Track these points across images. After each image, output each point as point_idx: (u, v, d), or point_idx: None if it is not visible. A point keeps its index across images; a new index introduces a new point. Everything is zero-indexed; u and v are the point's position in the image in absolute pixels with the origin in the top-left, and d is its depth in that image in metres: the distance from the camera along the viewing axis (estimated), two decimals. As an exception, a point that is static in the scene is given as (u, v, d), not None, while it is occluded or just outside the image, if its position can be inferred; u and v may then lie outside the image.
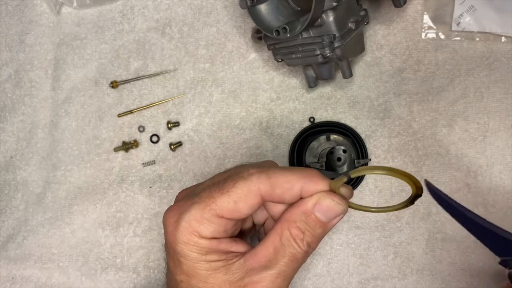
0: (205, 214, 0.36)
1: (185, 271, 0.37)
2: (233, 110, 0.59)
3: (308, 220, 0.37)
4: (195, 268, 0.37)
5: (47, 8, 0.60)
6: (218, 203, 0.36)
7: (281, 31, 0.48)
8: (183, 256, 0.37)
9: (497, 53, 0.57)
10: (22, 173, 0.59)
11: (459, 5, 0.57)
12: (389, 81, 0.58)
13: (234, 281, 0.36)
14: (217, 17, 0.59)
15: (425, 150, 0.57)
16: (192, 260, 0.37)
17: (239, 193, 0.36)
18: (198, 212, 0.36)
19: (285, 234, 0.37)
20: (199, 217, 0.36)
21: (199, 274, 0.37)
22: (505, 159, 0.56)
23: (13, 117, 0.59)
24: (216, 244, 0.37)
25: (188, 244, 0.36)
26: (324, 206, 0.36)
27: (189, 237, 0.36)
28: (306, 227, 0.37)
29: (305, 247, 0.37)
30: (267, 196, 0.37)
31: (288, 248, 0.37)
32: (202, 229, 0.36)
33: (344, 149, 0.56)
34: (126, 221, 0.58)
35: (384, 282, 0.56)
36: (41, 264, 0.58)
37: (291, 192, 0.37)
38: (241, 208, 0.36)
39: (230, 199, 0.36)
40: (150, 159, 0.58)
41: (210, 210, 0.36)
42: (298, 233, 0.37)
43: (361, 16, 0.52)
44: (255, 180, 0.36)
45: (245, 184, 0.36)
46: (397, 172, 0.34)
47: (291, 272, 0.37)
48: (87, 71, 0.59)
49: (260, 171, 0.37)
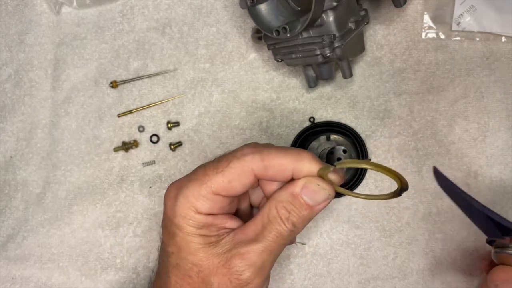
0: (201, 191, 0.38)
1: (177, 243, 0.39)
2: (233, 110, 0.59)
3: (294, 202, 0.38)
4: (188, 241, 0.38)
5: (47, 8, 0.60)
6: (213, 181, 0.38)
7: (281, 31, 0.48)
8: (179, 228, 0.38)
9: (497, 53, 0.57)
10: (22, 173, 0.59)
11: (459, 5, 0.57)
12: (389, 81, 0.58)
13: (221, 253, 0.38)
14: (217, 17, 0.59)
15: (425, 150, 0.57)
16: (187, 233, 0.38)
17: (233, 172, 0.38)
18: (195, 189, 0.38)
19: (272, 212, 0.38)
20: (196, 193, 0.38)
21: (190, 247, 0.38)
22: (505, 159, 0.56)
23: (13, 117, 0.59)
24: (212, 220, 0.39)
25: (185, 218, 0.38)
26: (310, 190, 0.38)
27: (187, 211, 0.38)
28: (292, 208, 0.38)
29: (290, 226, 0.38)
30: (260, 175, 0.38)
31: (274, 225, 0.38)
32: (199, 205, 0.38)
33: (344, 149, 0.56)
34: (126, 221, 0.58)
35: (384, 282, 0.56)
36: (41, 264, 0.58)
37: (283, 174, 0.38)
38: (235, 187, 0.38)
39: (224, 178, 0.38)
40: (150, 159, 0.58)
41: (206, 188, 0.38)
42: (284, 212, 0.38)
43: (361, 16, 0.52)
44: (249, 161, 0.38)
45: (239, 164, 0.38)
46: (382, 168, 0.35)
47: (277, 248, 0.38)
48: (87, 71, 0.59)
49: (254, 151, 0.38)
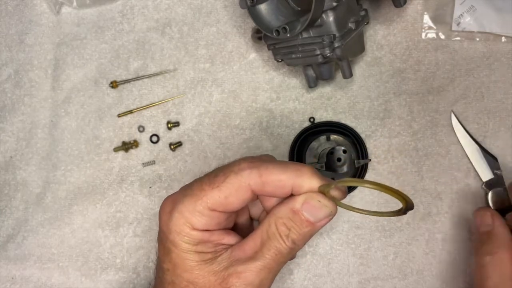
0: (197, 207, 0.37)
1: (173, 259, 0.38)
2: (233, 110, 0.59)
3: (295, 218, 0.37)
4: (183, 258, 0.37)
5: (47, 8, 0.59)
6: (209, 197, 0.36)
7: (281, 31, 0.48)
8: (175, 245, 0.37)
9: (497, 53, 0.57)
10: (22, 173, 0.59)
11: (459, 5, 0.57)
12: (389, 81, 0.58)
13: (218, 271, 0.37)
14: (217, 17, 0.59)
15: (425, 150, 0.57)
16: (182, 250, 0.37)
17: (230, 187, 0.36)
18: (190, 204, 0.37)
19: (271, 228, 0.37)
20: (191, 209, 0.37)
21: (186, 264, 0.37)
22: (505, 159, 0.56)
23: (13, 117, 0.59)
24: (208, 236, 0.37)
25: (180, 234, 0.37)
26: (311, 206, 0.36)
27: (182, 227, 0.37)
28: (292, 225, 0.37)
29: (290, 244, 0.37)
30: (258, 191, 0.37)
31: (273, 242, 0.37)
32: (194, 221, 0.37)
33: (344, 150, 0.56)
34: (126, 221, 0.58)
35: (384, 282, 0.56)
36: (41, 264, 0.58)
37: (282, 190, 0.37)
38: (232, 202, 0.37)
39: (221, 193, 0.36)
40: (150, 159, 0.58)
41: (202, 203, 0.36)
42: (284, 229, 0.37)
43: (361, 16, 0.52)
44: (246, 176, 0.36)
45: (236, 179, 0.36)
46: (386, 188, 0.33)
47: (276, 266, 0.37)
48: (87, 71, 0.59)
49: (252, 166, 0.36)
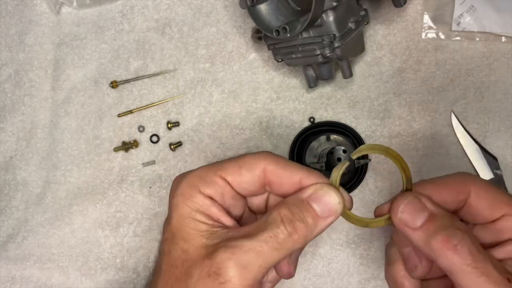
0: (209, 172, 0.38)
1: (172, 226, 0.37)
2: (233, 110, 0.59)
3: (301, 206, 0.36)
4: (181, 223, 0.37)
5: (47, 8, 0.60)
6: (224, 165, 0.38)
7: (281, 31, 0.48)
8: (176, 209, 0.37)
9: (497, 53, 0.57)
10: (22, 173, 0.59)
11: (459, 5, 0.57)
12: (389, 81, 0.58)
13: (210, 245, 0.35)
14: (217, 17, 0.59)
15: (425, 150, 0.57)
16: (182, 214, 0.37)
17: (245, 160, 0.38)
18: (203, 171, 0.38)
19: (273, 213, 0.36)
20: (203, 174, 0.38)
21: (183, 231, 0.37)
22: (505, 159, 0.56)
23: (13, 117, 0.59)
24: (209, 205, 0.37)
25: (184, 196, 0.37)
26: (319, 197, 0.36)
27: (188, 189, 0.37)
28: (297, 211, 0.36)
29: (290, 229, 0.35)
30: (270, 175, 0.37)
31: (271, 225, 0.35)
32: (202, 184, 0.37)
33: (344, 150, 0.56)
34: (126, 221, 0.58)
35: (384, 282, 0.56)
36: (41, 264, 0.58)
37: (291, 177, 0.37)
38: (243, 174, 0.37)
39: (235, 163, 0.38)
40: (150, 159, 0.58)
41: (215, 170, 0.38)
42: (288, 213, 0.35)
43: (361, 16, 0.52)
44: (263, 156, 0.38)
45: (253, 156, 0.38)
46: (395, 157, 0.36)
47: (268, 251, 0.34)
48: (87, 71, 0.59)
49: (269, 152, 0.39)
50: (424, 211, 0.36)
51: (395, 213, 0.37)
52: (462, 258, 0.33)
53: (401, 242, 0.40)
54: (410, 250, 0.39)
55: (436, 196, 0.37)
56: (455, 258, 0.33)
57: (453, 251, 0.33)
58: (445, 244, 0.34)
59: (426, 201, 0.36)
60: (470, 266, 0.33)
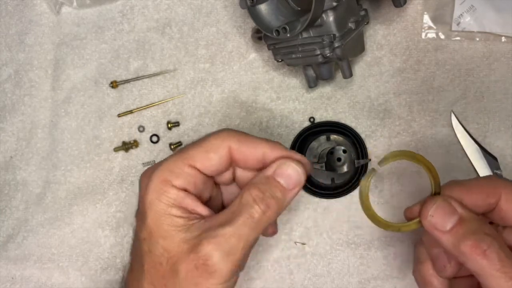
0: (178, 163, 0.38)
1: (149, 226, 0.38)
2: (233, 110, 0.59)
3: (268, 183, 0.38)
4: (158, 221, 0.37)
5: (47, 8, 0.60)
6: (191, 153, 0.38)
7: (281, 31, 0.48)
8: (151, 206, 0.37)
9: (497, 53, 0.57)
10: (22, 173, 0.59)
11: (459, 5, 0.57)
12: (389, 81, 0.58)
13: (191, 239, 0.36)
14: (217, 17, 0.59)
15: (425, 150, 0.57)
16: (158, 212, 0.37)
17: (210, 144, 0.38)
18: (171, 163, 0.38)
19: (245, 196, 0.37)
20: (172, 166, 0.38)
21: (161, 229, 0.37)
22: (505, 159, 0.56)
23: (13, 117, 0.59)
24: (183, 197, 0.38)
25: (158, 192, 0.37)
26: (283, 172, 0.38)
27: (160, 185, 0.37)
28: (266, 188, 0.38)
29: (263, 207, 0.37)
30: (235, 155, 0.39)
31: (246, 207, 0.37)
32: (173, 177, 0.37)
33: (344, 149, 0.56)
34: (126, 221, 0.58)
35: (384, 282, 0.56)
36: (41, 264, 0.58)
37: (254, 153, 0.39)
38: (212, 158, 0.38)
39: (201, 148, 0.38)
40: (150, 159, 0.58)
41: (183, 160, 0.38)
42: (258, 193, 0.37)
43: (361, 16, 0.52)
44: (225, 135, 0.39)
45: (216, 138, 0.39)
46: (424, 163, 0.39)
47: (248, 232, 0.36)
48: (87, 71, 0.59)
49: (229, 130, 0.39)
50: (454, 214, 0.37)
51: (425, 216, 0.38)
52: (491, 263, 0.34)
53: (431, 243, 0.41)
54: (439, 251, 0.40)
55: (465, 199, 0.38)
56: (484, 262, 0.34)
57: (482, 256, 0.35)
58: (474, 249, 0.35)
59: (456, 205, 0.38)
60: (499, 271, 0.34)
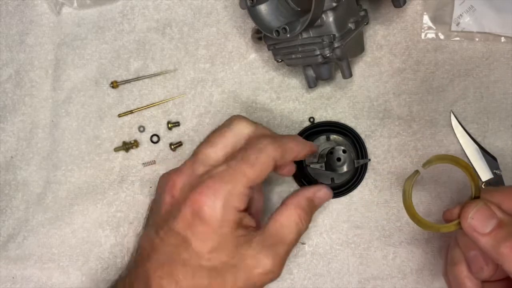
0: (238, 187, 0.41)
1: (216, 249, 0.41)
2: (233, 111, 0.59)
3: (310, 204, 0.46)
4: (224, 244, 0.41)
5: (47, 9, 0.60)
6: (249, 176, 0.41)
7: (281, 32, 0.48)
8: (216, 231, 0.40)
9: (496, 53, 0.57)
10: (22, 173, 0.59)
11: (458, 6, 0.57)
12: (389, 81, 0.58)
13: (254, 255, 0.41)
14: (217, 17, 0.59)
15: (425, 150, 0.57)
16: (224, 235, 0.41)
17: (262, 163, 0.42)
18: (232, 186, 0.41)
19: (293, 215, 0.44)
20: (235, 191, 0.41)
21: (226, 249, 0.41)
22: (504, 159, 0.56)
23: (13, 117, 0.59)
24: (243, 217, 0.42)
25: (224, 218, 0.40)
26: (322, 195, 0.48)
27: (227, 212, 0.41)
28: (309, 210, 0.46)
29: (307, 224, 0.45)
30: (278, 162, 0.44)
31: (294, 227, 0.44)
32: (237, 202, 0.41)
33: (344, 149, 0.56)
34: (126, 221, 0.58)
35: (384, 282, 0.56)
36: (42, 264, 0.58)
37: (290, 159, 0.46)
38: (263, 176, 0.43)
39: (256, 168, 0.42)
40: (150, 159, 0.59)
41: (243, 183, 0.41)
42: (304, 214, 0.45)
43: (361, 17, 0.52)
44: (272, 151, 0.43)
45: (265, 155, 0.42)
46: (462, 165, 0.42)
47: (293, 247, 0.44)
48: (87, 71, 0.59)
49: (273, 141, 0.43)
50: (493, 218, 0.39)
51: (465, 218, 0.40)
52: None
53: (467, 246, 0.43)
54: (476, 253, 0.42)
55: (504, 204, 0.40)
56: None
57: None
58: None
59: (495, 209, 0.39)
60: None
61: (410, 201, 0.44)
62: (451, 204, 0.56)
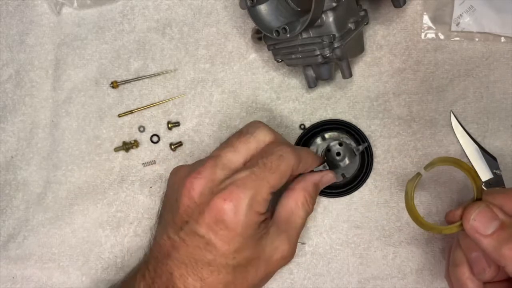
0: (262, 193, 0.43)
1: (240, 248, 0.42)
2: (233, 111, 0.59)
3: (316, 189, 0.50)
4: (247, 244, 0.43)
5: (47, 9, 0.60)
6: (271, 182, 0.43)
7: (281, 32, 0.48)
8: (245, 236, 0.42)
9: (496, 53, 0.57)
10: (22, 173, 0.59)
11: (458, 6, 0.57)
12: (389, 81, 0.58)
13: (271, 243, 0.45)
14: (217, 17, 0.59)
15: (425, 150, 0.57)
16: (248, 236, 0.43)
17: (282, 171, 0.44)
18: (258, 194, 0.43)
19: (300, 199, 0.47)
20: (260, 198, 0.43)
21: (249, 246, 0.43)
22: (504, 159, 0.56)
23: (13, 117, 0.59)
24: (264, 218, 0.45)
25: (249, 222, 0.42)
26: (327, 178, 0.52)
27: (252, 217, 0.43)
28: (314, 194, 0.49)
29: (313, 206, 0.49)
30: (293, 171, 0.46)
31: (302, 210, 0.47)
32: (261, 207, 0.43)
33: (339, 143, 0.56)
34: (126, 221, 0.58)
35: (383, 282, 0.56)
36: (42, 264, 0.58)
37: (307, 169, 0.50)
38: (282, 182, 0.45)
39: (277, 177, 0.44)
40: (150, 159, 0.59)
41: (267, 189, 0.43)
42: (310, 198, 0.48)
43: (361, 17, 0.52)
44: (292, 159, 0.45)
45: (286, 164, 0.45)
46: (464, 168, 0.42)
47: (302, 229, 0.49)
48: (87, 71, 0.59)
49: (292, 151, 0.46)
50: (496, 220, 0.39)
51: (467, 220, 0.40)
52: None
53: (469, 247, 0.43)
54: (479, 255, 0.42)
55: (506, 206, 0.40)
56: None
57: None
58: None
59: (498, 211, 0.40)
60: None
61: (412, 203, 0.44)
62: (452, 204, 0.56)
